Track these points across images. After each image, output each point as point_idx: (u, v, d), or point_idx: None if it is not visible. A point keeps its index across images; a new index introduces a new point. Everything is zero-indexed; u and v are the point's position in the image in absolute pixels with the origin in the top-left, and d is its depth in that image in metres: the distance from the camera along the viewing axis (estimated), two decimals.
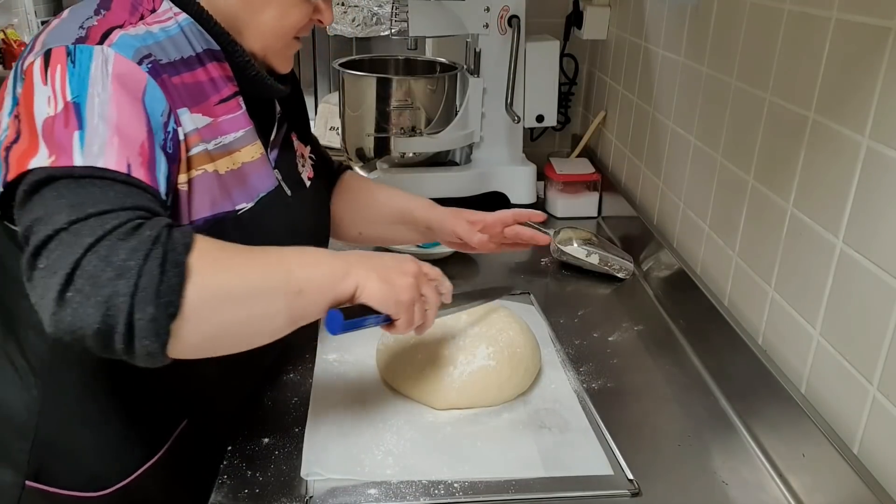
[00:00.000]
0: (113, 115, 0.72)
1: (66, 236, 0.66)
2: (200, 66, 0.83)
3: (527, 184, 1.70)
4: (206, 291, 0.68)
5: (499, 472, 0.89)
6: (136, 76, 0.75)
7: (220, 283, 0.70)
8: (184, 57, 0.82)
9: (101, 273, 0.64)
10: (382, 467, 0.89)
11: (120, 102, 0.73)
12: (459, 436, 0.95)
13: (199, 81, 0.83)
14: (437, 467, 0.89)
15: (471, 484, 0.87)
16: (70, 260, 0.64)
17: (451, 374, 1.00)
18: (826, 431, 0.86)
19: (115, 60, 0.74)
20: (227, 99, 0.86)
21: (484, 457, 0.92)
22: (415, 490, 0.86)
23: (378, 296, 0.80)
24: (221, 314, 0.70)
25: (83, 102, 0.71)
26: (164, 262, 0.66)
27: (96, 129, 0.71)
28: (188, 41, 0.83)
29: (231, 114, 0.86)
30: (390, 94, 1.59)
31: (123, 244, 0.66)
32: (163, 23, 0.82)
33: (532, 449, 0.93)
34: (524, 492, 0.87)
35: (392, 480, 0.87)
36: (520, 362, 1.03)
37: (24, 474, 0.88)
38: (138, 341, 0.65)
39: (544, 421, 0.98)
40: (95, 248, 0.65)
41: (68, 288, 0.64)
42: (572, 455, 0.92)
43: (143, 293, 0.64)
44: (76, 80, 0.72)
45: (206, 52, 0.84)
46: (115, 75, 0.73)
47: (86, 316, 0.64)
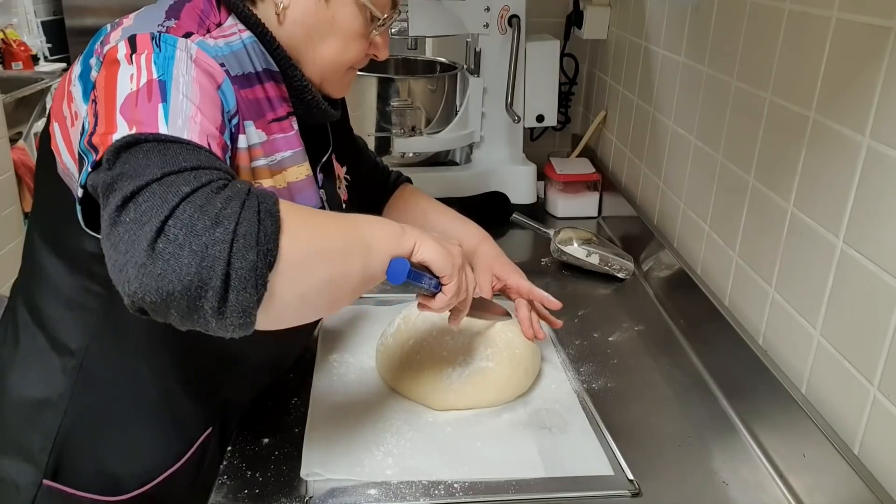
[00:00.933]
0: (196, 95, 0.72)
1: (157, 187, 0.62)
2: (259, 83, 0.84)
3: (527, 184, 1.70)
4: (299, 244, 0.66)
5: (499, 472, 0.89)
6: (216, 70, 0.76)
7: (310, 238, 0.68)
8: (244, 73, 0.83)
9: (198, 221, 0.61)
10: (382, 468, 0.89)
11: (202, 86, 0.74)
12: (459, 436, 0.95)
13: (258, 98, 0.84)
14: (437, 468, 0.89)
15: (471, 484, 0.87)
16: (165, 208, 0.61)
17: (450, 376, 1.00)
18: (826, 431, 0.86)
19: (197, 53, 0.75)
20: (281, 118, 0.87)
21: (484, 457, 0.92)
22: (415, 490, 0.86)
23: (435, 254, 0.81)
24: (313, 270, 0.68)
25: (168, 80, 0.71)
26: (260, 211, 0.63)
27: (181, 105, 0.70)
28: (249, 58, 0.83)
29: (284, 133, 0.87)
30: (390, 93, 1.59)
31: (219, 194, 0.63)
32: (227, 37, 0.82)
33: (532, 449, 0.93)
34: (524, 492, 0.86)
35: (392, 481, 0.87)
36: (519, 363, 1.03)
37: (43, 472, 0.87)
38: (234, 294, 0.61)
39: (544, 421, 0.98)
40: (191, 197, 0.62)
41: (159, 238, 0.60)
42: (572, 455, 0.92)
43: (244, 240, 0.61)
44: (161, 61, 0.72)
45: (265, 71, 0.85)
46: (198, 65, 0.75)
47: (179, 268, 0.59)
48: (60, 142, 0.81)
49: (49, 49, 3.87)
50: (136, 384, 0.89)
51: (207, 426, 0.94)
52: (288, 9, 0.84)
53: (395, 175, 1.24)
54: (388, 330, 1.09)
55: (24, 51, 3.50)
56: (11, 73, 3.39)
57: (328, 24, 0.86)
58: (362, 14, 0.87)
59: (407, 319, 1.08)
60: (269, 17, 0.85)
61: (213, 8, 0.83)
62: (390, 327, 1.09)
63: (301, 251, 0.66)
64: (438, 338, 1.04)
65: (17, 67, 3.46)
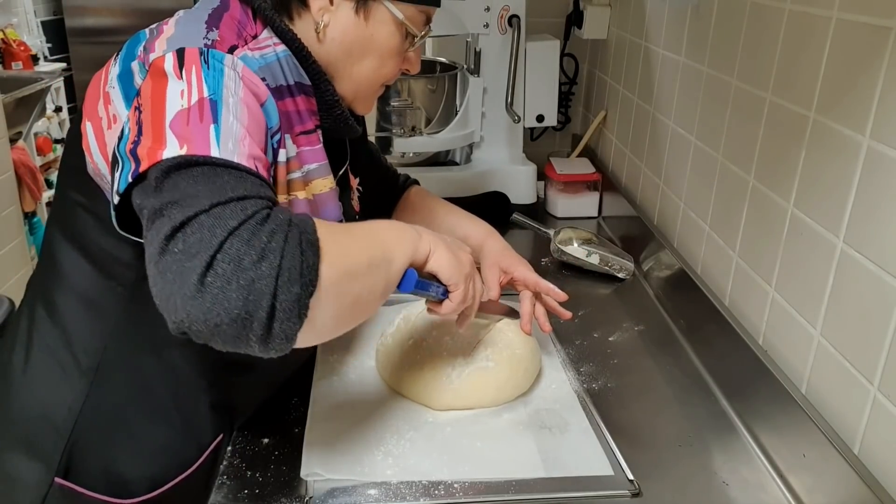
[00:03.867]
0: (244, 116, 0.74)
1: (206, 219, 0.64)
2: (290, 96, 0.85)
3: (527, 184, 1.70)
4: (336, 268, 0.69)
5: (499, 472, 0.89)
6: (261, 89, 0.78)
7: (344, 260, 0.71)
8: (277, 85, 0.84)
9: (245, 256, 0.63)
10: (382, 468, 0.89)
11: (249, 106, 0.75)
12: (460, 436, 0.95)
13: (289, 111, 0.85)
14: (438, 468, 0.89)
15: (471, 484, 0.87)
16: (213, 242, 0.63)
17: (450, 376, 1.00)
18: (826, 431, 0.86)
19: (243, 70, 0.76)
20: (309, 132, 0.88)
21: (484, 457, 0.92)
22: (415, 491, 0.86)
23: (447, 263, 0.85)
24: (348, 289, 0.71)
25: (219, 100, 0.72)
26: (302, 242, 0.66)
27: (231, 127, 0.72)
28: (282, 71, 0.84)
29: (311, 146, 0.89)
30: (390, 93, 1.59)
31: (263, 227, 0.65)
32: (262, 50, 0.83)
33: (532, 449, 0.93)
34: (524, 492, 0.86)
35: (392, 481, 0.87)
36: (519, 363, 1.03)
37: (55, 470, 0.87)
38: (279, 324, 0.64)
39: (545, 421, 0.98)
40: (238, 231, 0.64)
41: (209, 271, 0.62)
42: (573, 455, 0.92)
43: (288, 273, 0.64)
44: (211, 80, 0.73)
45: (296, 84, 0.86)
46: (245, 83, 0.76)
47: (227, 302, 0.62)
48: (93, 142, 0.81)
49: (49, 49, 3.87)
50: (150, 387, 0.89)
51: (219, 432, 0.94)
52: (328, 27, 0.86)
53: (404, 178, 1.25)
54: (388, 330, 1.09)
55: (24, 51, 3.50)
56: (11, 73, 3.39)
57: (367, 42, 0.87)
58: (399, 32, 0.89)
59: (407, 319, 1.08)
60: (308, 33, 0.86)
61: (250, 20, 0.84)
62: (390, 327, 1.09)
63: (337, 275, 0.69)
64: (438, 338, 1.04)
65: (17, 67, 3.46)
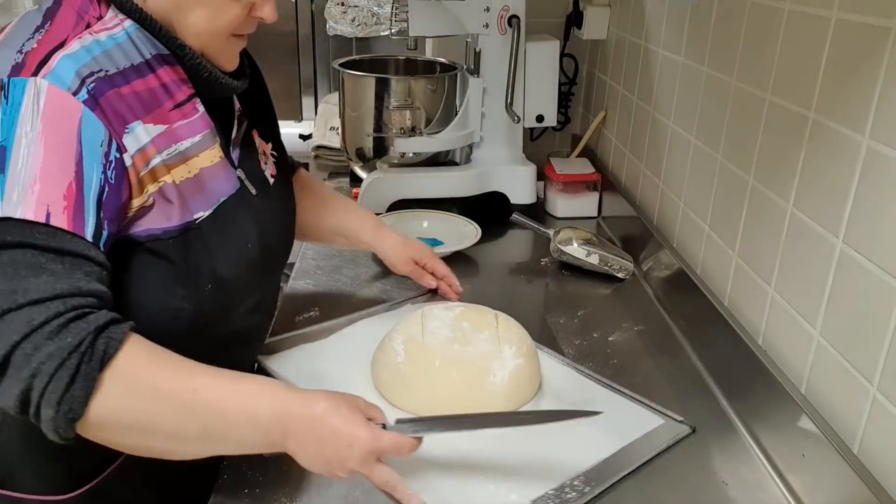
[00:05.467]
0: (39, 157, 0.72)
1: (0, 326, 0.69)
2: (151, 72, 0.82)
3: (527, 184, 1.70)
4: (111, 412, 0.72)
5: (573, 469, 0.88)
6: (69, 109, 0.74)
7: (128, 411, 0.73)
8: (134, 64, 0.80)
9: (23, 368, 0.69)
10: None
11: (49, 142, 0.72)
12: (518, 445, 0.92)
13: (151, 88, 0.82)
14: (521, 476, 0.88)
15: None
16: (1, 348, 0.68)
17: (494, 382, 0.97)
18: (826, 431, 0.86)
19: (47, 93, 0.73)
20: (182, 103, 0.85)
21: (554, 458, 0.90)
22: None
23: (309, 468, 0.78)
24: (124, 436, 0.75)
25: (10, 146, 0.71)
26: (76, 374, 0.69)
27: (18, 176, 0.71)
28: (136, 48, 0.81)
29: (187, 119, 0.85)
30: (390, 94, 1.59)
31: (45, 346, 0.69)
32: (110, 30, 0.80)
33: (589, 432, 0.94)
34: (609, 475, 0.88)
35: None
36: (534, 353, 1.04)
37: None
38: (44, 428, 0.71)
39: (574, 403, 1.01)
40: (21, 345, 0.69)
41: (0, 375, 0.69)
42: (623, 423, 0.96)
43: (49, 397, 0.69)
44: (7, 120, 0.72)
45: (155, 57, 0.83)
46: (47, 111, 0.73)
47: (7, 400, 0.70)
48: None
49: None
50: None
51: None
52: None
53: (292, 160, 1.20)
54: (396, 360, 1.00)
55: None
56: None
57: None
58: None
59: (413, 341, 1.01)
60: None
61: (93, 1, 0.81)
62: (395, 356, 1.01)
63: (111, 418, 0.72)
64: (459, 353, 0.99)
65: None
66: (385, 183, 1.61)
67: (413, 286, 1.33)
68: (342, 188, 1.87)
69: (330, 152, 2.01)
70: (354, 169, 1.77)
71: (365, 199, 1.61)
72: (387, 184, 1.61)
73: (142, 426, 0.73)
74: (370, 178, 1.62)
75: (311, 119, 2.24)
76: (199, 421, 0.74)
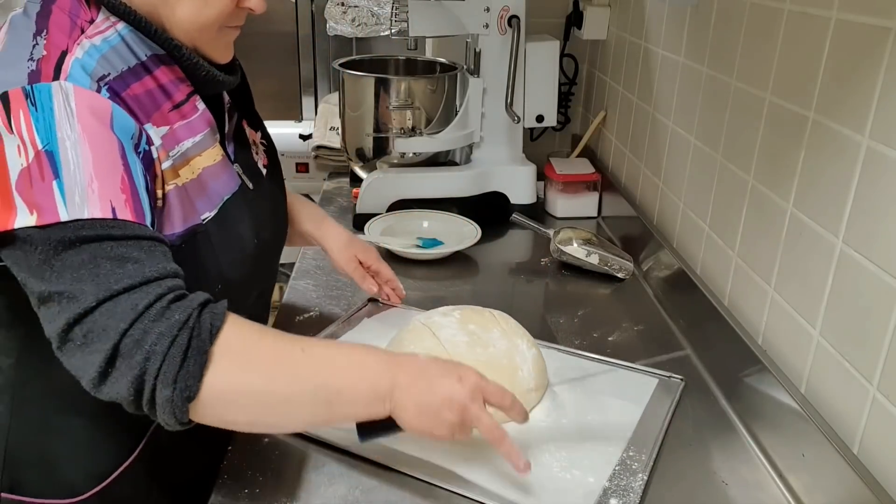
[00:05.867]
0: (88, 156, 0.71)
1: (98, 317, 0.70)
2: (147, 73, 0.81)
3: (527, 184, 1.70)
4: (225, 384, 0.72)
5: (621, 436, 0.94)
6: (100, 106, 0.74)
7: (242, 381, 0.73)
8: (130, 66, 0.79)
9: (135, 355, 0.70)
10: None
11: (92, 140, 0.72)
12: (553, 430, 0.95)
13: (149, 90, 0.81)
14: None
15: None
16: (108, 344, 0.69)
17: (523, 376, 0.98)
18: (826, 431, 0.86)
19: (75, 94, 0.72)
20: (181, 103, 0.84)
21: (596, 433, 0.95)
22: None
23: (410, 426, 0.77)
24: (239, 408, 0.74)
25: (55, 150, 0.70)
26: (188, 349, 0.70)
27: (74, 177, 0.70)
28: (130, 49, 0.80)
29: (186, 119, 0.84)
30: (390, 94, 1.59)
31: (154, 327, 0.70)
32: (103, 33, 0.79)
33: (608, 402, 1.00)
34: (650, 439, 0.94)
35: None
36: (532, 340, 1.05)
37: (0, 487, 0.88)
38: (159, 413, 0.72)
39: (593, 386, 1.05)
40: (130, 332, 0.70)
41: (108, 367, 0.70)
42: (629, 389, 1.04)
43: (163, 377, 0.70)
44: (43, 126, 0.70)
45: (151, 58, 0.81)
46: (80, 111, 0.72)
47: (121, 389, 0.71)
48: None
49: None
50: (69, 391, 0.85)
51: (153, 420, 0.93)
52: None
53: None
54: None
55: None
56: None
57: None
58: None
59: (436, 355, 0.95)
60: None
61: (83, 4, 0.80)
62: None
63: (226, 390, 0.73)
64: (478, 356, 0.98)
65: None
66: (385, 183, 1.61)
67: (413, 286, 1.33)
68: (342, 188, 1.87)
69: (330, 152, 2.01)
70: (354, 169, 1.77)
71: (365, 199, 1.61)
72: (387, 184, 1.61)
73: (256, 395, 0.74)
74: (370, 178, 1.62)
75: (311, 119, 2.23)
76: (311, 380, 0.75)
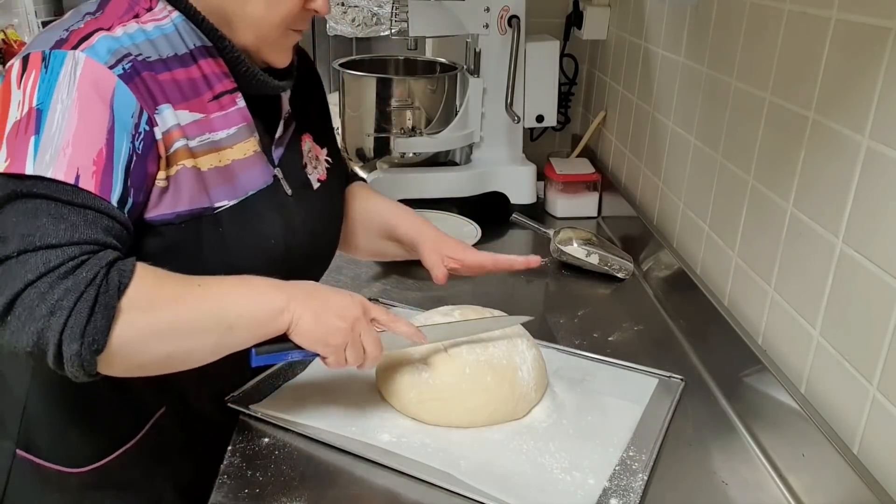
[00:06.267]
0: (73, 123, 0.75)
1: (14, 264, 0.71)
2: (194, 62, 0.85)
3: (527, 184, 1.70)
4: (133, 331, 0.74)
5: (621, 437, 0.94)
6: (104, 80, 0.77)
7: (151, 322, 0.75)
8: (178, 54, 0.84)
9: (38, 308, 0.70)
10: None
11: (83, 109, 0.76)
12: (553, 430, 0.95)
13: (193, 78, 0.85)
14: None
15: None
16: (12, 290, 0.71)
17: (523, 377, 0.97)
18: (826, 431, 0.86)
19: (84, 65, 0.77)
20: (220, 95, 0.87)
21: (597, 433, 0.94)
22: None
23: (308, 336, 0.83)
24: (148, 350, 0.76)
25: (45, 109, 0.75)
26: (95, 304, 0.72)
27: (52, 138, 0.74)
28: (181, 39, 0.85)
29: (224, 110, 0.88)
30: (390, 94, 1.59)
31: (61, 283, 0.71)
32: (159, 21, 0.84)
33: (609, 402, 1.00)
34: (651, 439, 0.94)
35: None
36: (532, 340, 1.05)
37: (16, 443, 0.93)
38: (67, 367, 0.72)
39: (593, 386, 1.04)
40: (36, 283, 0.71)
41: (8, 313, 0.71)
42: (629, 389, 1.03)
43: (70, 331, 0.71)
44: (44, 86, 0.76)
45: (198, 48, 0.86)
46: (82, 81, 0.76)
47: (20, 339, 0.71)
48: None
49: None
50: None
51: (160, 405, 0.96)
52: None
53: (351, 172, 1.24)
54: (421, 376, 0.96)
55: None
56: None
57: None
58: None
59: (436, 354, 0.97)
60: None
61: None
62: (418, 372, 0.96)
63: (135, 336, 0.75)
64: (478, 356, 0.97)
65: None
66: (385, 183, 1.61)
67: (413, 286, 1.34)
68: None
69: None
70: (354, 169, 1.77)
71: None
72: (387, 184, 1.61)
73: (162, 334, 0.76)
74: (370, 179, 1.62)
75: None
76: (212, 309, 0.79)
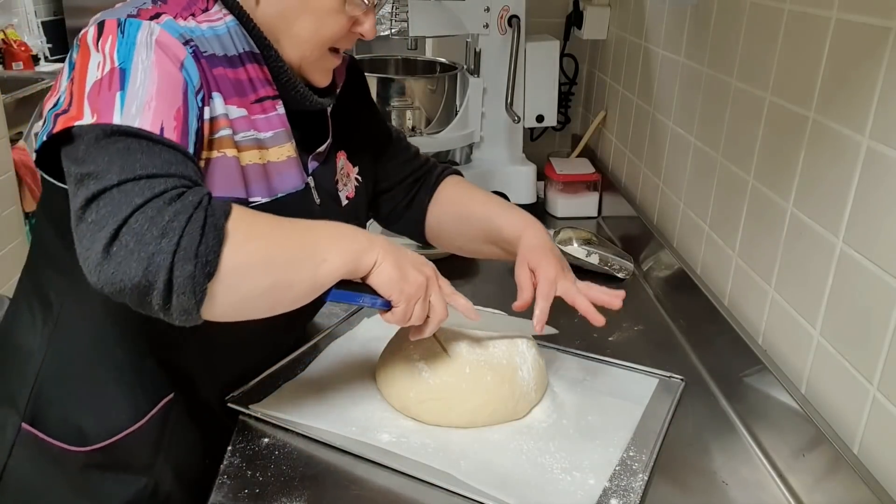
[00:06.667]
0: (154, 80, 0.77)
1: (116, 193, 0.70)
2: (241, 65, 0.88)
3: (527, 184, 1.71)
4: (241, 255, 0.73)
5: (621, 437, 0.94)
6: (177, 49, 0.80)
7: (255, 249, 0.75)
8: (227, 55, 0.86)
9: (147, 232, 0.69)
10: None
11: (161, 71, 0.78)
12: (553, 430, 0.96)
13: (240, 79, 0.87)
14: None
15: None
16: (119, 217, 0.69)
17: (523, 377, 0.97)
18: (826, 431, 0.86)
19: (159, 34, 0.79)
20: (262, 100, 0.89)
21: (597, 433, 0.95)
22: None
23: (387, 278, 0.84)
24: (254, 278, 0.75)
25: (128, 68, 0.77)
26: (205, 225, 0.71)
27: (137, 93, 0.76)
28: (232, 41, 0.87)
29: (265, 114, 0.90)
30: (390, 93, 1.59)
31: (169, 207, 0.70)
32: (213, 22, 0.86)
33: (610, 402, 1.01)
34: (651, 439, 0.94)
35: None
36: (532, 340, 1.05)
37: (22, 416, 0.92)
38: (176, 297, 0.70)
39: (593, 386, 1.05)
40: (143, 208, 0.70)
41: (114, 242, 0.69)
42: (630, 389, 1.04)
43: (184, 252, 0.69)
44: (124, 48, 0.78)
45: (246, 53, 0.88)
46: (159, 47, 0.79)
47: (128, 269, 0.69)
48: None
49: (49, 49, 3.87)
50: (104, 342, 0.92)
51: (169, 391, 0.97)
52: None
53: (440, 170, 1.17)
54: (421, 376, 0.96)
55: (24, 51, 3.50)
56: (12, 74, 3.39)
57: (300, 1, 0.87)
58: None
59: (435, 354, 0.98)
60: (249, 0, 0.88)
61: None
62: (418, 372, 0.96)
63: (243, 261, 0.74)
64: (481, 354, 0.98)
65: (18, 67, 3.46)
66: None
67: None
68: None
69: None
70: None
71: None
72: None
73: (266, 262, 0.76)
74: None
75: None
76: (306, 241, 0.80)
